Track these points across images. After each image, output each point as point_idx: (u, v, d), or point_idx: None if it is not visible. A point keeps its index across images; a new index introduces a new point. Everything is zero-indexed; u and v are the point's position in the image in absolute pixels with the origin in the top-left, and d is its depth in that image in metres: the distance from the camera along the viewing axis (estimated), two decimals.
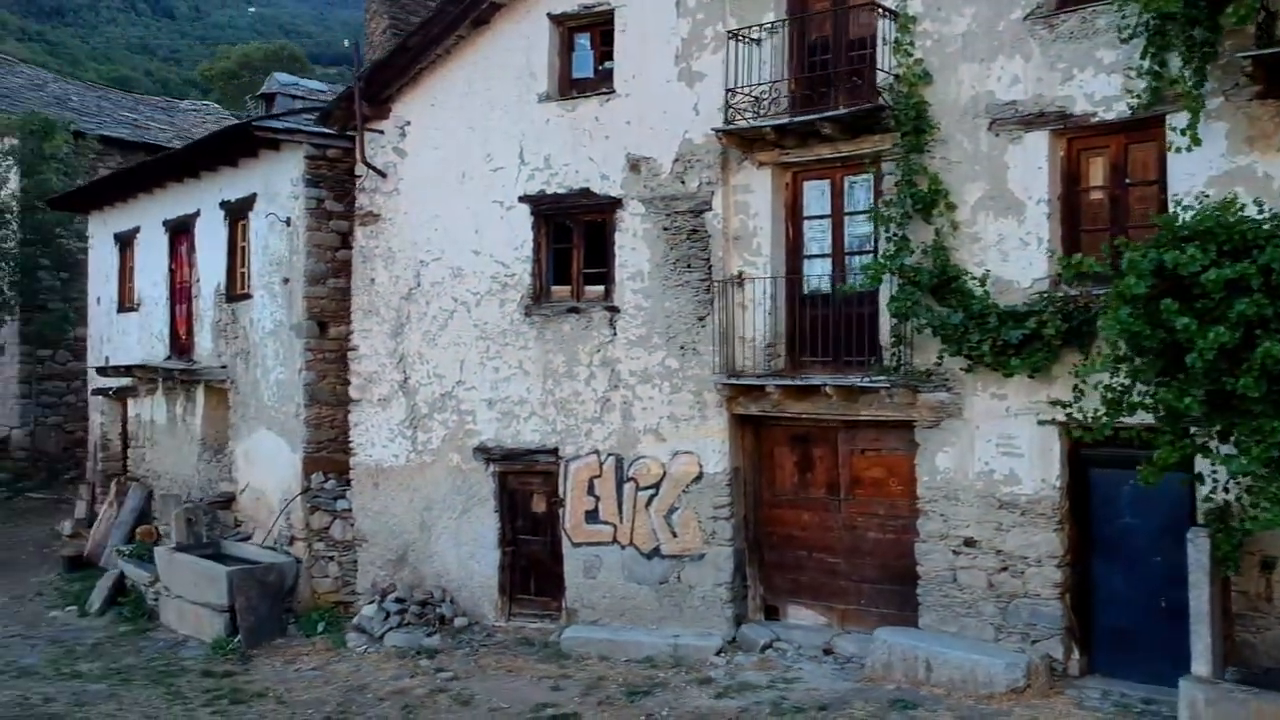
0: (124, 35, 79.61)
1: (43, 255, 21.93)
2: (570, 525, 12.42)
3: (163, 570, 14.49)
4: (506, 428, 12.77)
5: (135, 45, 77.04)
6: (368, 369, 13.63)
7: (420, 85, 13.40)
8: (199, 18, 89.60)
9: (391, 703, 10.68)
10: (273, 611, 13.45)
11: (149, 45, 77.15)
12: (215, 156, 15.61)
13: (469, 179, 13.08)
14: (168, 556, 14.42)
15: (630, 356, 12.10)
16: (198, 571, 13.77)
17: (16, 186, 21.75)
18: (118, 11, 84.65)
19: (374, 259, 13.63)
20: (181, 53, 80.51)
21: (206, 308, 16.24)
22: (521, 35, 12.84)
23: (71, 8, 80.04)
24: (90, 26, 79.30)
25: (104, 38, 76.91)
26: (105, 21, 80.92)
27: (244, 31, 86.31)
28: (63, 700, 11.01)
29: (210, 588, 13.48)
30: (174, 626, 14.15)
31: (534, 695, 10.60)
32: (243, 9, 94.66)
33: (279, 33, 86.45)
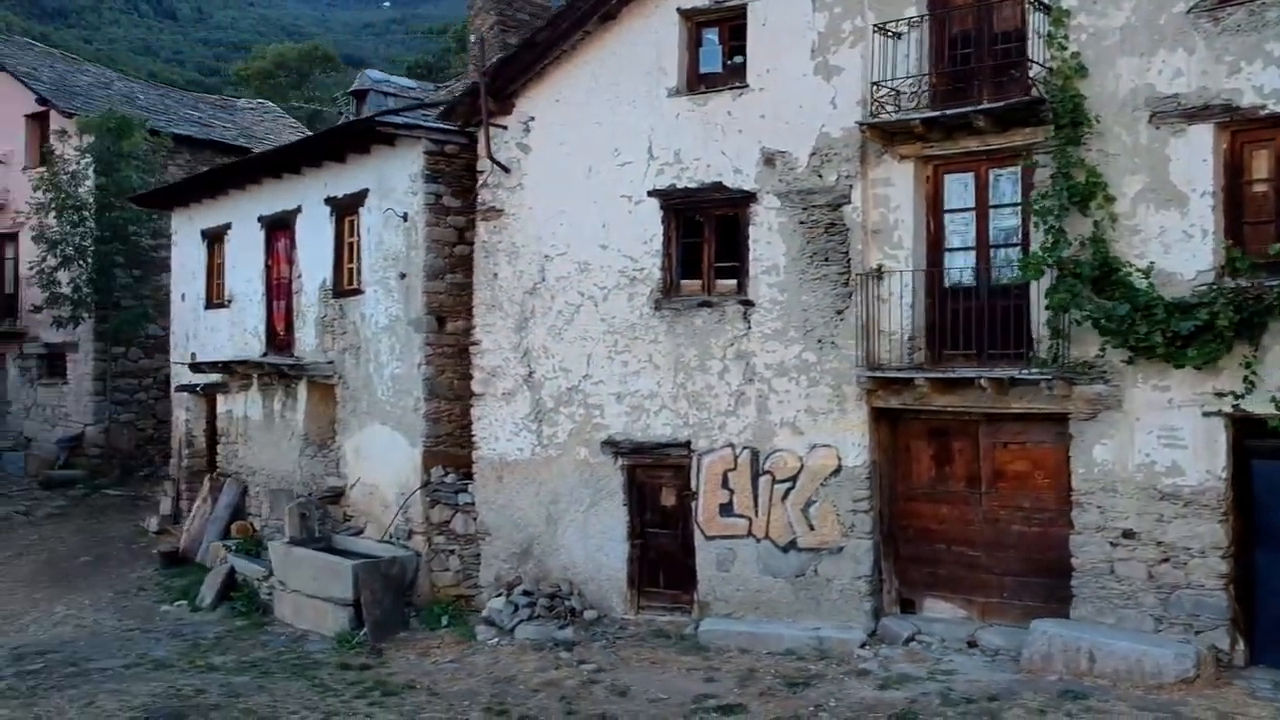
0: (126, 36, 79.85)
1: (118, 253, 21.95)
2: (703, 518, 12.44)
3: (278, 565, 14.53)
4: (636, 421, 12.80)
5: (138, 46, 77.25)
6: (491, 364, 13.67)
7: (545, 81, 13.44)
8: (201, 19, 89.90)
9: (546, 694, 10.69)
10: (395, 605, 13.49)
11: (151, 46, 77.36)
12: (322, 152, 15.66)
13: (595, 174, 13.12)
14: (283, 551, 14.46)
15: (766, 350, 12.14)
16: (319, 566, 13.81)
17: (92, 184, 21.84)
18: (120, 13, 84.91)
19: (497, 254, 13.68)
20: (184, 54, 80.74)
21: (309, 304, 16.28)
22: (650, 30, 12.88)
23: (74, 9, 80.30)
24: (93, 28, 79.54)
25: (106, 39, 77.16)
26: (108, 23, 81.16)
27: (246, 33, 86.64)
28: (214, 692, 11.03)
29: (333, 582, 13.52)
30: (290, 621, 14.19)
31: (688, 687, 10.62)
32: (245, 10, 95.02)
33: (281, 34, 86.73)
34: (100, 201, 21.74)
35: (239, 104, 29.68)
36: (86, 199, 21.69)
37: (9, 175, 24.16)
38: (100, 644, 13.47)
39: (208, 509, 17.77)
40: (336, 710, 10.42)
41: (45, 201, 21.41)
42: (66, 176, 21.34)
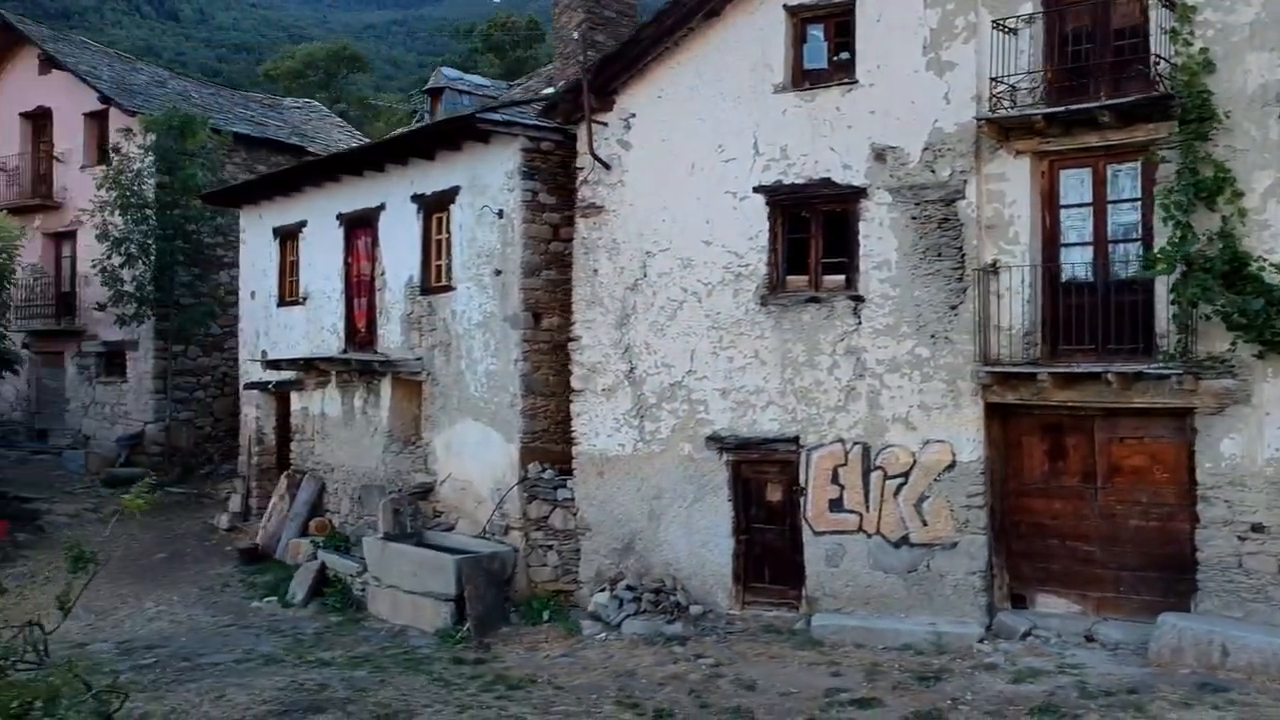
0: (129, 37, 80.00)
1: (180, 251, 21.96)
2: (812, 514, 12.47)
3: (372, 561, 14.57)
4: (741, 417, 12.82)
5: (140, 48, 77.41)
6: (591, 360, 13.70)
7: (646, 77, 13.48)
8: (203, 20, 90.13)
9: (673, 688, 10.72)
10: (497, 600, 13.52)
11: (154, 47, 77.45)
12: (409, 149, 15.69)
13: (699, 170, 13.15)
14: (379, 547, 14.49)
15: (877, 345, 12.16)
16: (419, 561, 13.84)
17: (153, 182, 21.86)
18: (122, 14, 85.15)
19: (597, 250, 13.71)
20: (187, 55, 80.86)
21: (394, 300, 16.31)
22: (755, 27, 12.92)
23: (77, 10, 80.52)
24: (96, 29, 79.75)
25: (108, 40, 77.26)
26: (110, 24, 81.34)
27: (248, 34, 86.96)
28: (337, 686, 11.05)
29: (433, 577, 13.56)
30: (386, 617, 14.22)
31: (814, 681, 10.64)
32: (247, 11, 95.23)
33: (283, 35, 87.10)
34: (162, 199, 21.76)
35: (285, 103, 29.72)
36: (148, 197, 21.68)
37: (67, 173, 24.21)
38: (202, 639, 13.51)
39: (285, 506, 17.79)
40: (467, 704, 10.43)
41: (109, 199, 21.41)
42: (130, 175, 21.34)
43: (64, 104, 24.24)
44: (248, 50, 79.39)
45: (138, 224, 21.48)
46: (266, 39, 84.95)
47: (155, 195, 21.78)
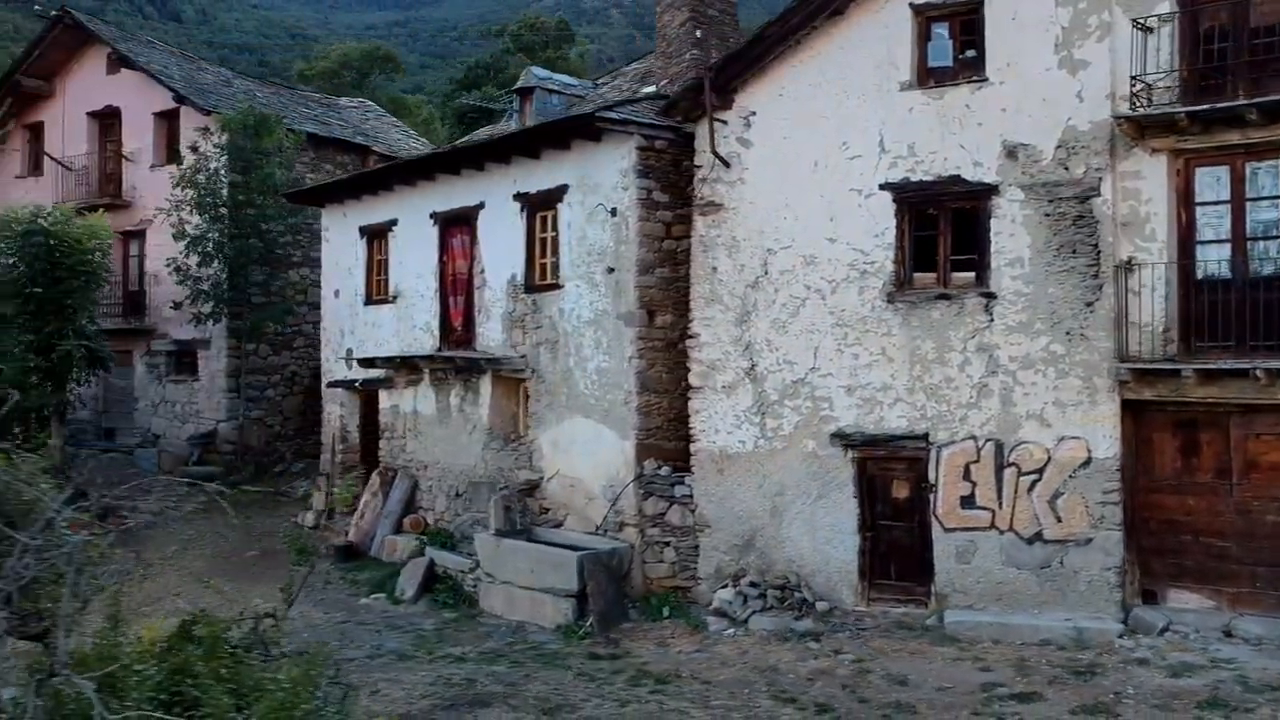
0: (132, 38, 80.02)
1: (256, 250, 22.02)
2: (942, 511, 12.51)
3: (485, 557, 14.62)
4: (868, 414, 12.87)
5: None
6: (710, 357, 13.75)
7: (767, 75, 13.53)
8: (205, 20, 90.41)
9: (823, 683, 10.77)
10: (617, 596, 13.59)
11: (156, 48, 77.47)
12: (512, 148, 15.74)
13: (822, 167, 13.20)
14: (493, 543, 14.54)
15: (1010, 342, 12.21)
16: (538, 558, 13.89)
17: (225, 180, 21.92)
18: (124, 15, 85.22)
19: (716, 248, 13.76)
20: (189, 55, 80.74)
21: (494, 299, 16.36)
22: (879, 25, 12.97)
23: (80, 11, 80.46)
24: None
25: None
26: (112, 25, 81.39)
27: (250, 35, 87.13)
28: (485, 681, 11.11)
29: (553, 573, 13.60)
30: (500, 613, 14.27)
31: (964, 676, 10.69)
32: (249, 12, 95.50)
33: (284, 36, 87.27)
34: (235, 199, 21.82)
35: (340, 102, 29.80)
36: (223, 195, 21.75)
37: (137, 172, 24.27)
38: (322, 635, 13.51)
39: (378, 503, 17.84)
40: (624, 699, 10.48)
41: (185, 198, 21.48)
42: (207, 174, 21.40)
43: (133, 103, 24.30)
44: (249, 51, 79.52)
45: (213, 223, 21.53)
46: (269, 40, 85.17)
47: (229, 194, 21.84)
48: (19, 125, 26.15)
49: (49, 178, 25.31)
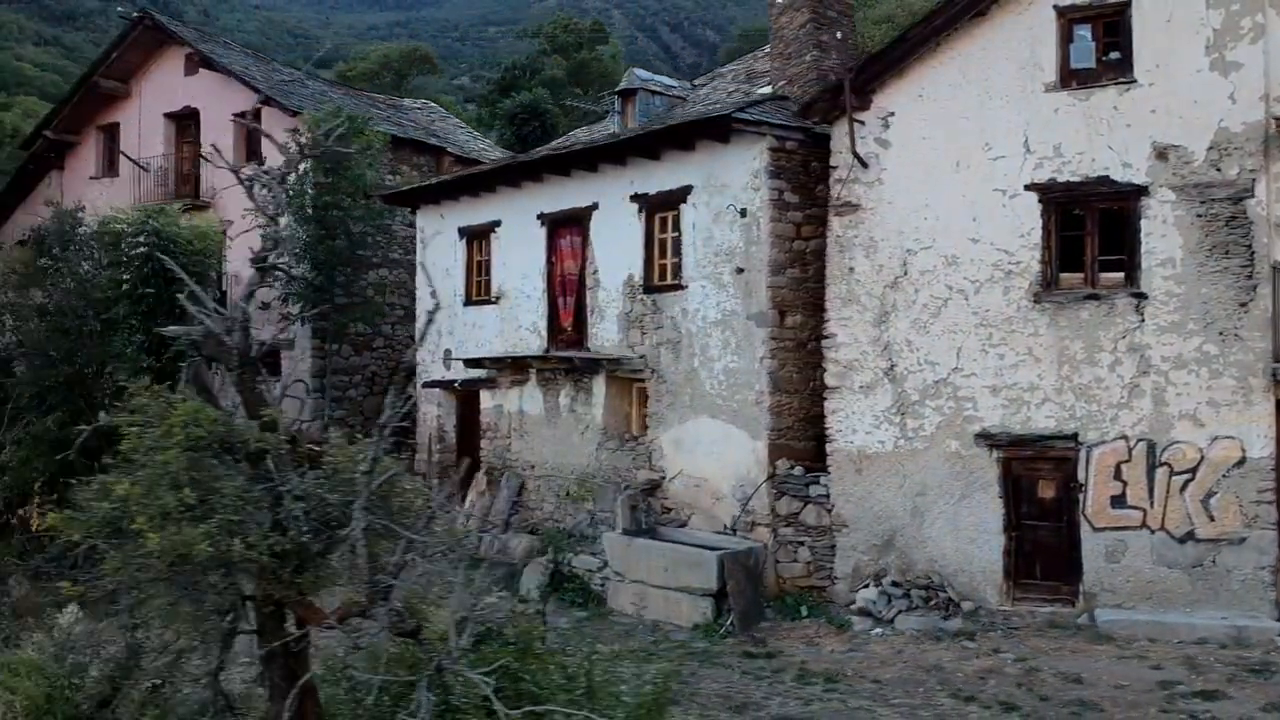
0: None
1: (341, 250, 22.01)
2: (1092, 510, 12.55)
3: (614, 556, 14.67)
4: (1014, 414, 12.91)
5: None
6: (847, 357, 13.79)
7: (905, 76, 13.57)
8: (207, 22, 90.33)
9: (996, 681, 10.81)
10: (754, 595, 13.63)
11: None
12: (629, 149, 15.79)
13: (964, 168, 13.25)
14: (623, 542, 14.60)
15: (1162, 342, 12.25)
16: (673, 557, 13.94)
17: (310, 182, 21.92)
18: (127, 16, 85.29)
19: (853, 248, 13.80)
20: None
21: (609, 299, 16.41)
22: (1023, 26, 13.02)
23: (83, 12, 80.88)
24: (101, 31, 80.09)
25: None
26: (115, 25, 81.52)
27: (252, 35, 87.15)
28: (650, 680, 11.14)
29: (690, 572, 13.65)
30: (630, 611, 14.31)
31: (1137, 674, 10.74)
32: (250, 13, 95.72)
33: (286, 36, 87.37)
34: (321, 199, 21.82)
35: (404, 103, 29.86)
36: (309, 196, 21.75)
37: (216, 173, 24.28)
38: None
39: (486, 502, 17.90)
40: (806, 696, 10.54)
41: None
42: (298, 175, 21.42)
43: (211, 104, 24.31)
44: None
45: (301, 224, 21.52)
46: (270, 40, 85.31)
47: (313, 195, 21.85)
48: (94, 126, 26.20)
49: (125, 178, 25.32)
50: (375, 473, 4.95)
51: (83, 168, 26.49)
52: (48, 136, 26.15)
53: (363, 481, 4.86)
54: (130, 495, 4.78)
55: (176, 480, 4.87)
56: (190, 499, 4.84)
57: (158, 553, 4.68)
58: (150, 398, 5.35)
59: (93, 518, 4.96)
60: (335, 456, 5.22)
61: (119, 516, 4.83)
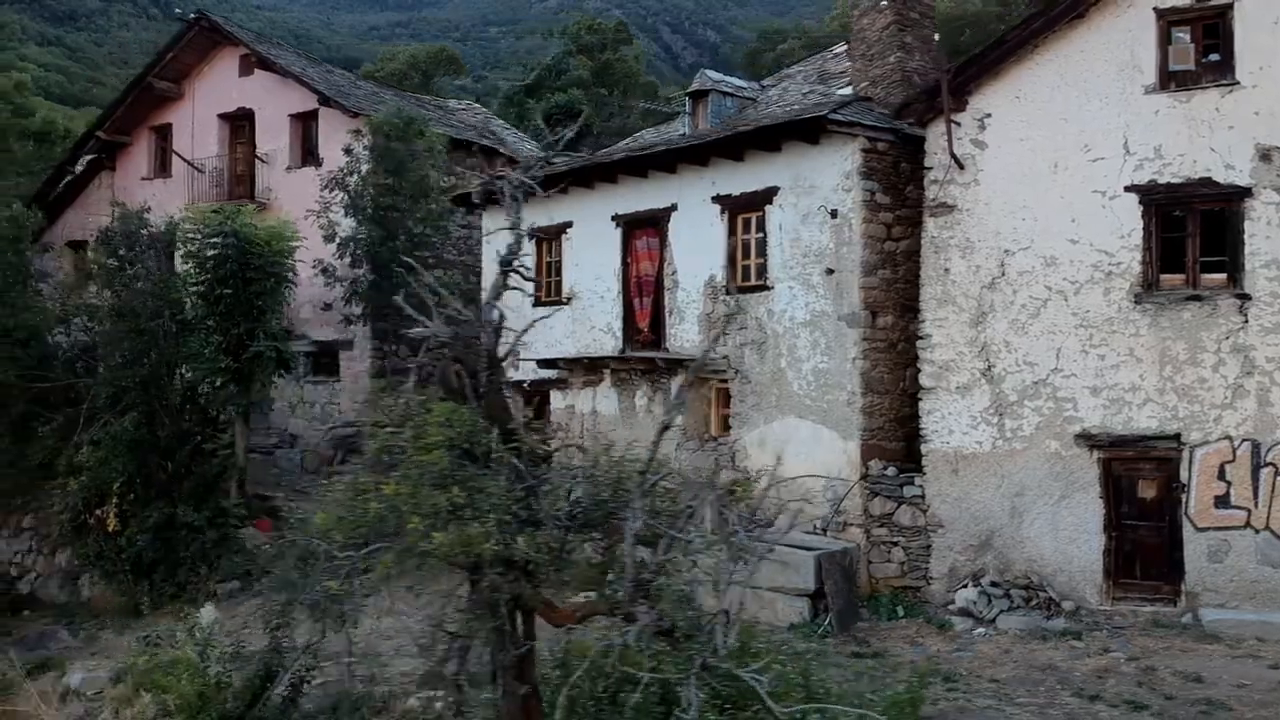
0: (137, 39, 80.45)
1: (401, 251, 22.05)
2: (1195, 510, 12.60)
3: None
4: (1115, 414, 12.95)
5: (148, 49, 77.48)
6: (942, 358, 13.84)
7: (1001, 78, 13.63)
8: None
9: (1115, 680, 10.83)
10: (850, 596, 13.67)
11: None
12: (714, 150, 15.83)
13: (1062, 169, 13.29)
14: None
15: (1266, 343, 12.29)
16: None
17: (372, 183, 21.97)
18: (129, 16, 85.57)
19: (948, 249, 13.85)
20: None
21: (688, 300, 16.46)
22: (1122, 29, 13.07)
23: (85, 12, 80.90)
24: (104, 31, 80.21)
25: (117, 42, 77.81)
26: (118, 26, 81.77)
27: None
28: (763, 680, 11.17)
29: (786, 572, 13.60)
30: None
31: (1256, 673, 10.77)
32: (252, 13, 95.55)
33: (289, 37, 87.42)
34: (381, 201, 21.88)
35: (450, 104, 29.92)
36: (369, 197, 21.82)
37: (272, 174, 24.38)
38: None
39: None
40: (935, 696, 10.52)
41: (334, 200, 21.56)
42: (360, 176, 21.49)
43: (267, 105, 24.41)
44: None
45: (362, 224, 21.58)
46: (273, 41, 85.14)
47: (373, 196, 21.91)
48: (146, 127, 26.28)
49: (178, 179, 25.43)
50: (649, 473, 4.99)
51: (134, 168, 26.61)
52: (100, 137, 26.23)
53: (636, 482, 4.90)
54: (398, 495, 4.82)
55: (443, 480, 4.91)
56: (459, 498, 4.88)
57: (439, 551, 4.72)
58: (390, 397, 5.39)
59: (362, 517, 5.00)
60: (598, 456, 5.26)
61: (387, 515, 4.87)
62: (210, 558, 17.14)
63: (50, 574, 20.10)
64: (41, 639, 17.15)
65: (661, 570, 5.31)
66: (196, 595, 17.07)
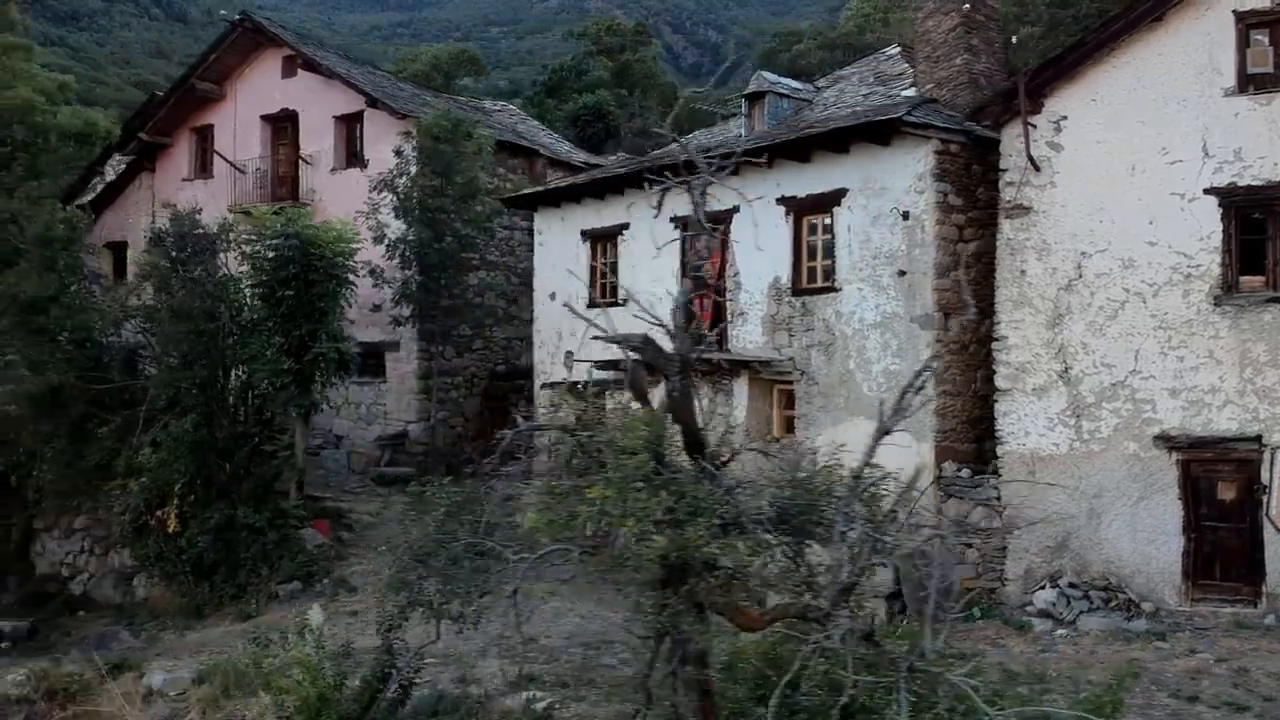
0: (139, 39, 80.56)
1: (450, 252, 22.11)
2: (1276, 512, 12.62)
3: None
4: (1195, 416, 12.98)
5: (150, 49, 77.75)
6: (1018, 359, 13.88)
7: (1076, 81, 13.66)
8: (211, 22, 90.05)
9: (1209, 682, 10.85)
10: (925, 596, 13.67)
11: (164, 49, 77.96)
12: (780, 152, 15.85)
13: (1140, 172, 13.33)
14: None
15: None
16: None
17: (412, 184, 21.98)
18: (131, 16, 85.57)
19: (1024, 251, 13.89)
20: (196, 57, 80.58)
21: (752, 302, 16.49)
22: (1200, 32, 13.10)
23: (86, 12, 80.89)
24: (106, 31, 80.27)
25: (119, 42, 77.96)
26: (119, 26, 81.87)
27: None
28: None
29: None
30: None
31: None
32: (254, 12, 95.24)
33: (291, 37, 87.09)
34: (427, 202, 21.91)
35: (485, 105, 29.96)
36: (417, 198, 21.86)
37: (316, 176, 24.41)
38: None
39: None
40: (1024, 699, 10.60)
41: (382, 201, 21.60)
42: (409, 178, 21.52)
43: (310, 106, 24.45)
44: None
45: (412, 226, 21.62)
46: None
47: (420, 198, 21.95)
48: (187, 129, 26.32)
49: (220, 180, 25.45)
50: (863, 479, 5.02)
51: (175, 169, 26.65)
52: (142, 139, 26.26)
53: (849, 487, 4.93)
54: (605, 498, 4.86)
55: (649, 483, 4.94)
56: (667, 501, 4.92)
57: (652, 554, 4.75)
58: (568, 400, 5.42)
59: (571, 520, 5.03)
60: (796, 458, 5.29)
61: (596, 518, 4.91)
62: (272, 559, 17.15)
63: (103, 574, 20.11)
64: (102, 639, 17.15)
65: (865, 573, 5.33)
66: (257, 596, 17.11)
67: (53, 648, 17.95)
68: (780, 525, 5.16)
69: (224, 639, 16.16)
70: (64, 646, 17.74)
